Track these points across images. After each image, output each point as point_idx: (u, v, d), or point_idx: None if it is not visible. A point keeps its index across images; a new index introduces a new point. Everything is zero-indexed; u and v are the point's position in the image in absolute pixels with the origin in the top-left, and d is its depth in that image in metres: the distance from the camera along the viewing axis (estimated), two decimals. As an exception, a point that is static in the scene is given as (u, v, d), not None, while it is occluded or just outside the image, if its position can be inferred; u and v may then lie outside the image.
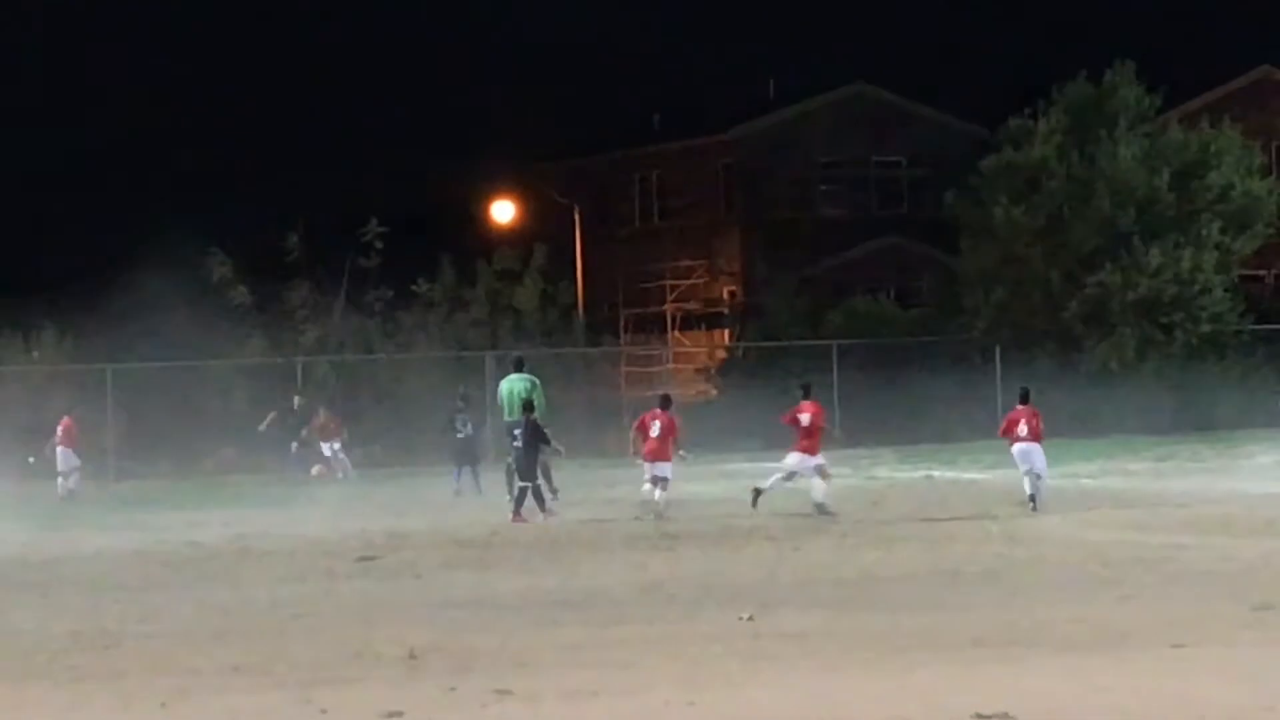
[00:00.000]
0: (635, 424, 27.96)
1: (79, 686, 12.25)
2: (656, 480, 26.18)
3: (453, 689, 11.85)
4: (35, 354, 46.92)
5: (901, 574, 18.91)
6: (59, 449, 35.09)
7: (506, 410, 28.24)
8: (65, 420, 35.53)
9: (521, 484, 26.43)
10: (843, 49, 79.57)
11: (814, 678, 12.19)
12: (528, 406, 26.94)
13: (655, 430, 26.55)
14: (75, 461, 34.92)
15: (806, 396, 27.37)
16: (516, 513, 26.11)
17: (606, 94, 75.46)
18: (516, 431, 26.85)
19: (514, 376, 28.77)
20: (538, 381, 28.77)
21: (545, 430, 26.94)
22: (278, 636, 14.49)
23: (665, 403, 27.54)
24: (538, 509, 26.03)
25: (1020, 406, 27.00)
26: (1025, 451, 26.29)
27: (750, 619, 15.01)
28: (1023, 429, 26.37)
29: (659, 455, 26.37)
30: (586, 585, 18.32)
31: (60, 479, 34.64)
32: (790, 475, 26.71)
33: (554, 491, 27.53)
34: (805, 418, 26.69)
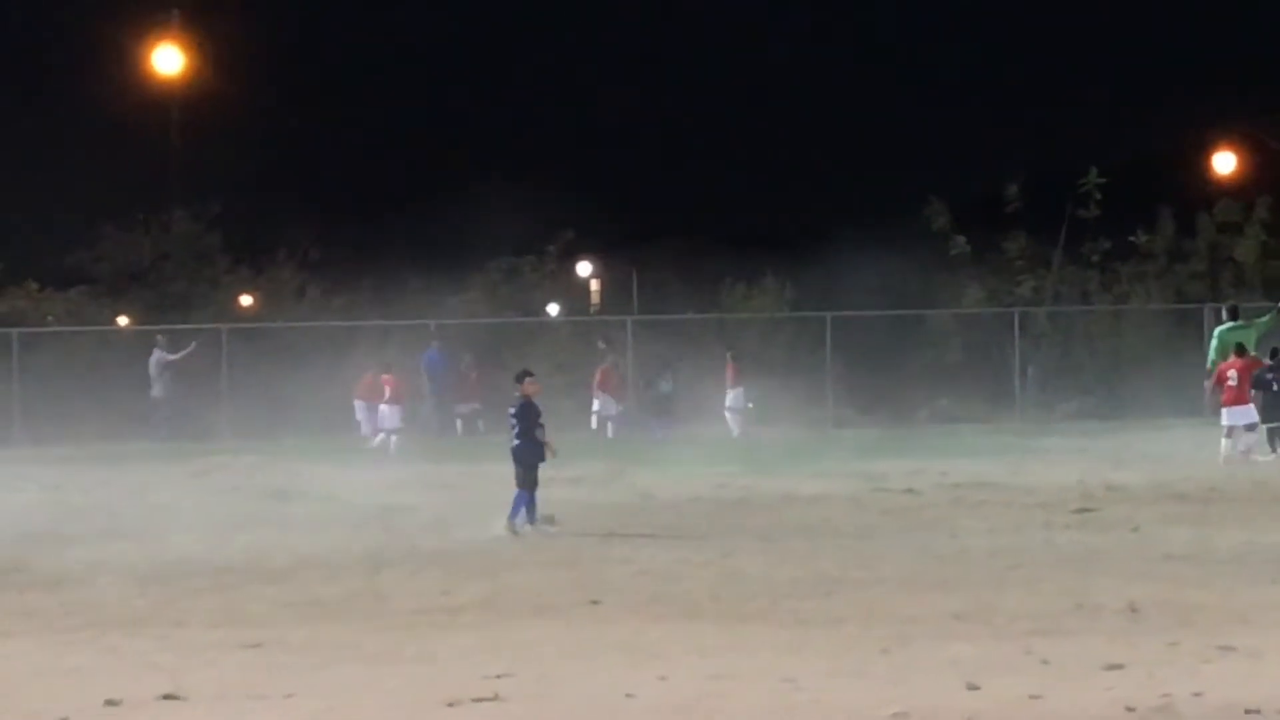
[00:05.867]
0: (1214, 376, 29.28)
1: (800, 630, 12.55)
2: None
3: (1174, 643, 11.62)
4: (754, 301, 48.40)
5: None
6: (382, 406, 35.19)
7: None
8: (386, 378, 35.63)
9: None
10: None
11: None
12: (1239, 350, 28.80)
13: (1233, 379, 28.35)
14: (397, 421, 35.13)
15: None
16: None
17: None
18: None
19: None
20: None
21: None
22: (996, 586, 14.51)
23: (1241, 351, 29.01)
24: None
25: None
26: None
27: None
28: None
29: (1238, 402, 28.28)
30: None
31: (382, 435, 34.88)
32: None
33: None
34: None
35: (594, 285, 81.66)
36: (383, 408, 35.21)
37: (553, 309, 52.22)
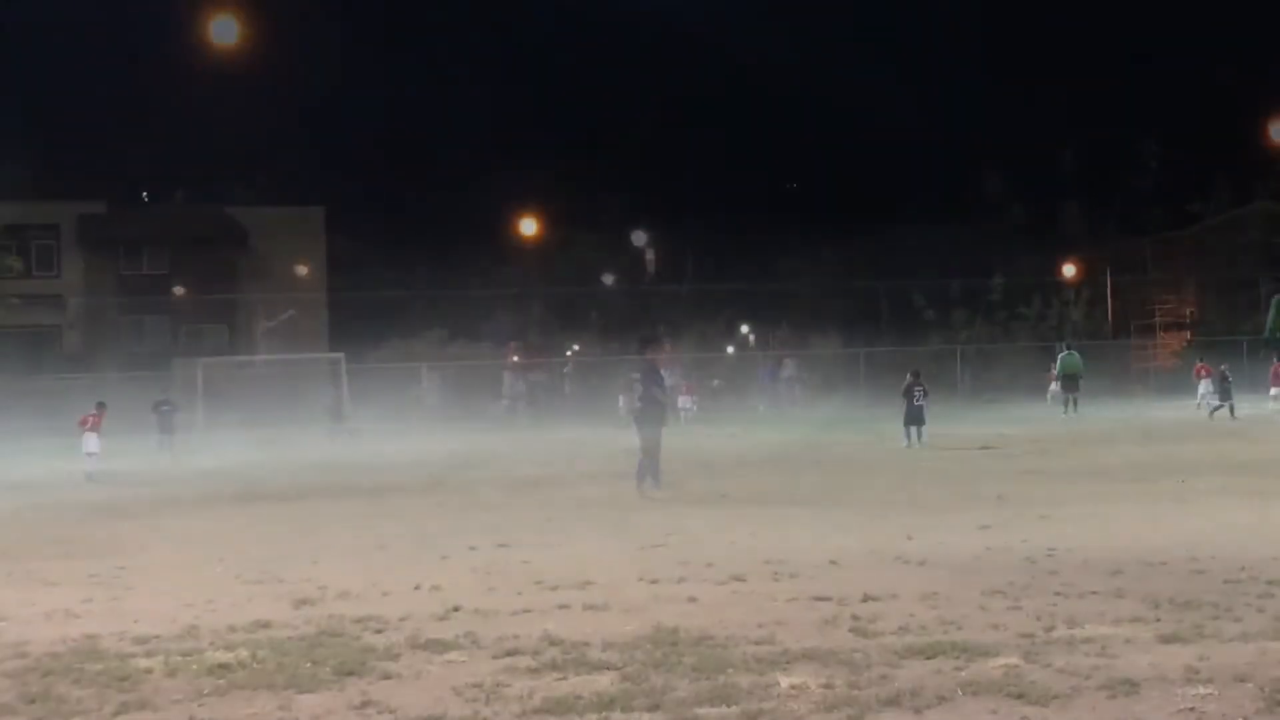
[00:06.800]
0: None
1: (847, 603, 12.42)
2: None
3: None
4: (809, 272, 48.44)
5: None
6: (505, 373, 36.02)
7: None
8: (512, 344, 36.72)
9: None
10: None
11: None
12: None
13: None
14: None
15: None
16: None
17: None
18: None
19: None
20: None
21: None
22: (1040, 559, 14.42)
23: None
24: None
25: None
26: None
27: None
28: None
29: None
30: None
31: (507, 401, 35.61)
32: None
33: None
34: None
35: (649, 255, 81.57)
36: (506, 374, 36.20)
37: (608, 279, 52.30)
